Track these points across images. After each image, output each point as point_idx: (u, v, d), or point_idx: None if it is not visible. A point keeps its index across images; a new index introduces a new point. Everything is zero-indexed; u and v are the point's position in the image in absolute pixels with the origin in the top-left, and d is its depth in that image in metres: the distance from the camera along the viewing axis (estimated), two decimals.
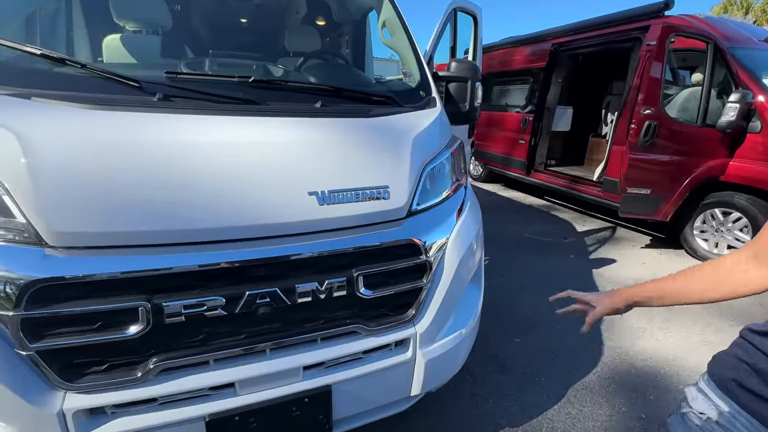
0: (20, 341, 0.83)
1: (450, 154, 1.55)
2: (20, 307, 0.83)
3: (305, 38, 2.27)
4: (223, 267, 0.97)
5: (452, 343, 1.30)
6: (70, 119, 1.04)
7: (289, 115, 1.31)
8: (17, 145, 0.93)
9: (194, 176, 1.02)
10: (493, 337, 2.31)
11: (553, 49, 5.42)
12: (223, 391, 1.01)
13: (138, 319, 0.90)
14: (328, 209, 1.11)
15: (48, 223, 0.88)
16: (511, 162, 6.21)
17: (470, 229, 1.42)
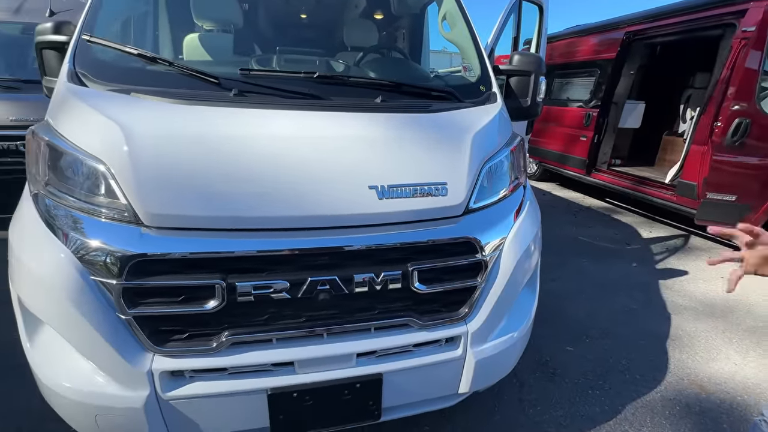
0: (121, 307, 0.96)
1: (509, 152, 1.50)
2: (122, 277, 0.95)
3: (365, 32, 2.30)
4: (288, 253, 1.04)
5: (503, 346, 1.28)
6: (162, 113, 1.16)
7: (352, 110, 1.35)
8: (121, 135, 1.06)
9: (266, 168, 1.09)
10: (543, 343, 2.22)
11: (626, 38, 4.97)
12: (284, 369, 1.08)
13: (215, 296, 0.99)
14: (387, 203, 1.13)
15: (144, 205, 1.00)
16: (570, 160, 5.84)
17: (528, 230, 1.38)
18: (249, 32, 2.16)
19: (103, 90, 1.25)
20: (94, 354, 0.98)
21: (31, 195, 1.14)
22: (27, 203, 1.14)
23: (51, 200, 1.08)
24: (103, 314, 0.96)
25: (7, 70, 4.11)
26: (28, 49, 4.30)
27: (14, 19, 4.29)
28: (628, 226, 4.68)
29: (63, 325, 0.99)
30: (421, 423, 1.65)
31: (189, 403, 1.03)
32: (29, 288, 1.04)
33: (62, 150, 1.11)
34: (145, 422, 1.00)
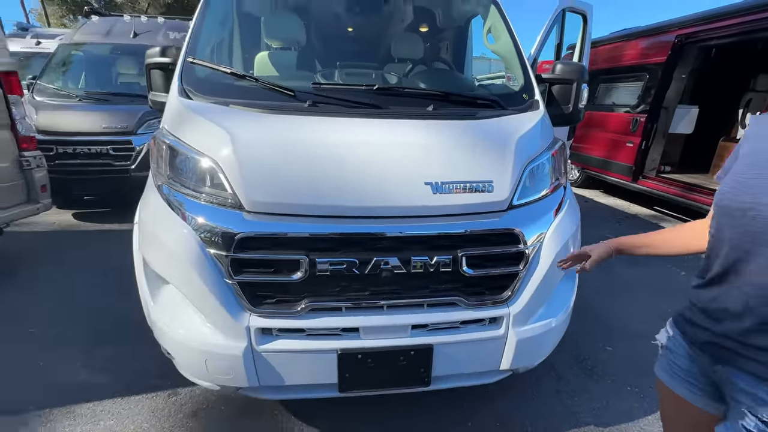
0: (228, 274, 1.22)
1: (551, 156, 1.63)
2: (230, 251, 1.21)
3: (413, 45, 2.49)
4: (358, 237, 1.25)
5: (542, 329, 1.40)
6: (255, 121, 1.43)
7: (407, 118, 1.56)
8: (227, 138, 1.33)
9: (339, 166, 1.32)
10: (582, 341, 2.28)
11: (677, 42, 4.83)
12: (351, 334, 1.29)
13: (299, 268, 1.22)
14: (440, 197, 1.32)
15: (246, 195, 1.25)
16: (614, 166, 5.70)
17: (567, 227, 1.50)
18: (311, 49, 2.44)
19: (207, 103, 1.55)
20: (207, 310, 1.24)
21: (155, 185, 1.44)
22: (152, 192, 1.44)
23: (172, 190, 1.37)
24: (215, 279, 1.22)
25: (98, 85, 4.76)
26: (114, 66, 4.96)
27: (104, 41, 4.95)
28: None
29: (184, 285, 1.27)
30: (464, 402, 1.79)
31: (275, 355, 1.26)
32: (158, 255, 1.33)
33: (180, 150, 1.40)
34: (242, 368, 1.24)
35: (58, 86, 4.58)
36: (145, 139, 4.10)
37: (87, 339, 2.17)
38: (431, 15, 2.77)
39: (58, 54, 4.87)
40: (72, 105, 4.29)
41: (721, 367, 0.79)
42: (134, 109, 4.22)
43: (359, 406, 1.74)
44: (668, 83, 5.04)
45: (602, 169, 6.05)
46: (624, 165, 5.53)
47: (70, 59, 4.88)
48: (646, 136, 5.23)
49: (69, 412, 1.69)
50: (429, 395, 1.79)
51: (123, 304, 2.40)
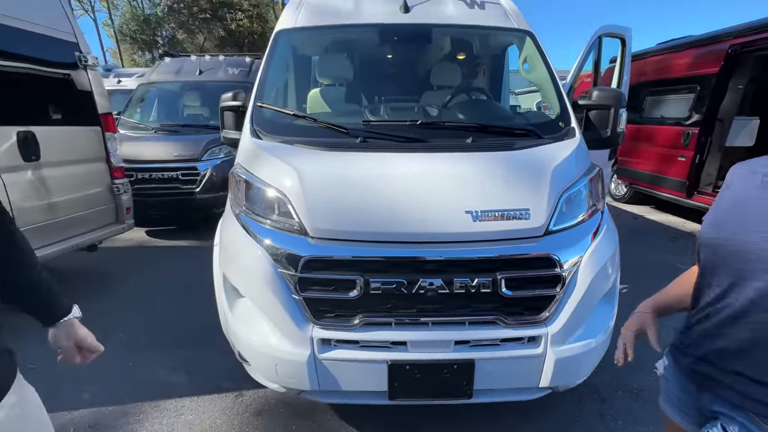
0: (296, 290, 1.43)
1: (587, 182, 1.72)
2: (298, 270, 1.42)
3: (451, 74, 2.65)
4: (406, 260, 1.42)
5: (581, 349, 1.47)
6: (315, 157, 1.67)
7: (448, 150, 1.73)
8: (293, 173, 1.57)
9: (388, 197, 1.50)
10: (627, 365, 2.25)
11: (732, 51, 4.62)
12: (399, 347, 1.45)
13: (355, 287, 1.41)
14: (480, 224, 1.45)
15: (309, 222, 1.47)
16: (665, 182, 5.45)
17: (604, 251, 1.57)
18: (358, 84, 2.69)
19: (274, 142, 1.82)
20: (277, 321, 1.46)
21: (234, 213, 1.71)
22: (231, 219, 1.71)
23: (248, 217, 1.63)
24: (284, 294, 1.43)
25: (169, 118, 5.42)
26: (182, 100, 5.62)
27: (175, 79, 5.64)
28: None
29: (258, 299, 1.49)
30: (506, 418, 1.86)
31: (333, 363, 1.44)
32: (236, 272, 1.58)
33: (254, 184, 1.66)
34: (306, 373, 1.44)
35: (137, 120, 5.28)
36: (208, 165, 4.59)
37: (167, 344, 2.49)
38: (468, 47, 2.94)
39: (138, 92, 5.62)
40: (148, 136, 4.93)
41: (704, 394, 0.82)
42: (199, 139, 4.75)
43: (405, 416, 1.87)
44: (722, 94, 4.80)
45: (652, 185, 5.79)
46: (676, 180, 5.27)
47: (147, 96, 5.60)
48: (700, 150, 4.98)
49: (156, 406, 1.97)
50: (471, 410, 1.88)
51: (195, 314, 2.73)
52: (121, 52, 23.40)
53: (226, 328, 1.68)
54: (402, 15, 2.42)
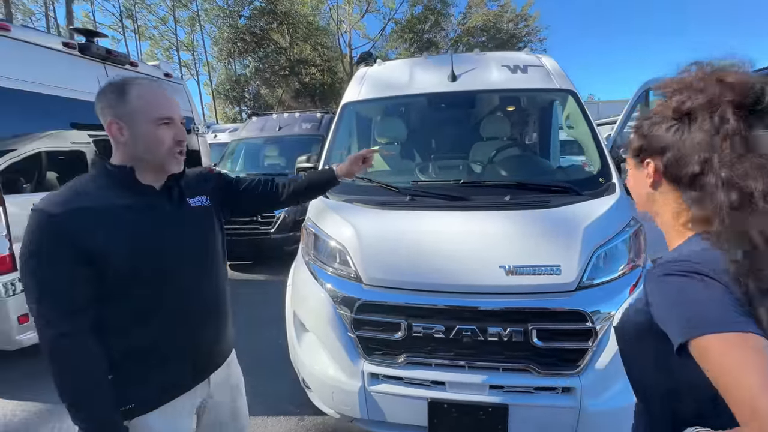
0: (351, 329, 1.71)
1: (626, 237, 1.79)
2: (353, 312, 1.71)
3: (497, 131, 2.88)
4: (445, 308, 1.63)
5: (619, 404, 1.50)
6: (370, 215, 1.99)
7: (487, 209, 1.94)
8: (352, 229, 1.91)
9: (431, 251, 1.75)
10: None
11: None
12: (438, 386, 1.62)
13: (400, 329, 1.64)
14: (512, 278, 1.62)
15: (364, 271, 1.77)
16: None
17: None
18: (411, 144, 3.05)
19: (338, 201, 2.20)
20: (335, 354, 1.74)
21: (304, 261, 2.08)
22: (302, 265, 2.08)
23: (315, 264, 1.98)
24: (341, 332, 1.72)
25: (253, 167, 6.34)
26: (263, 152, 6.56)
27: (259, 135, 6.64)
28: None
29: (320, 334, 1.80)
30: None
31: (380, 396, 1.66)
32: (304, 310, 1.92)
33: (320, 237, 2.03)
34: (357, 402, 1.67)
35: (228, 170, 6.28)
36: (282, 209, 5.27)
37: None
38: (512, 107, 3.16)
39: (230, 146, 6.72)
40: None
41: None
42: None
43: None
44: None
45: None
46: None
47: (237, 149, 6.65)
48: None
49: None
50: None
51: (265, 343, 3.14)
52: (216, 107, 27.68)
53: (294, 358, 2.00)
54: (450, 84, 2.76)
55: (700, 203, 0.67)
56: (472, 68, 2.85)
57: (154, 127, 0.96)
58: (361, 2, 24.43)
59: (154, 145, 0.97)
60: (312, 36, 25.94)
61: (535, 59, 2.89)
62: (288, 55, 26.18)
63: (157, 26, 25.24)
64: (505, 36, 23.69)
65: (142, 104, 0.96)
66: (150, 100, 0.97)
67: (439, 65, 2.96)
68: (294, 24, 24.98)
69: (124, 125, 0.95)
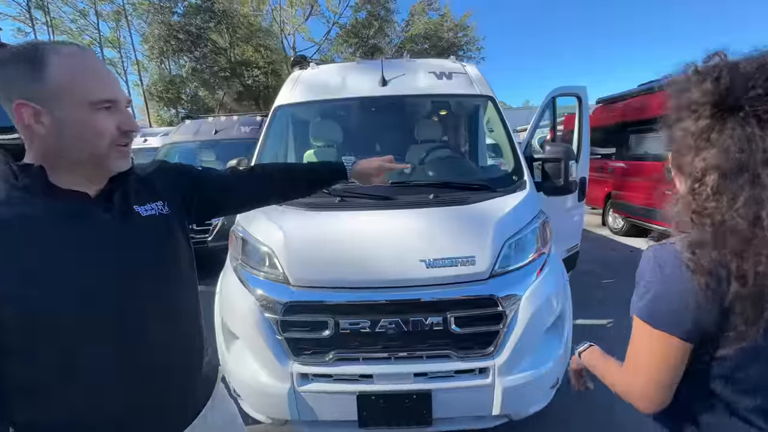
0: (279, 331, 1.70)
1: (534, 228, 1.99)
2: (281, 314, 1.71)
3: (424, 136, 3.01)
4: (370, 303, 1.69)
5: (527, 378, 1.67)
6: (299, 217, 2.00)
7: (412, 207, 2.04)
8: (280, 231, 1.90)
9: (355, 250, 1.81)
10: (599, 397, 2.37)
11: None
12: (366, 379, 1.68)
13: (328, 327, 1.67)
14: (432, 271, 1.73)
15: (291, 273, 1.77)
16: (655, 214, 5.60)
17: (546, 289, 1.80)
18: (347, 145, 3.09)
19: None
20: (264, 358, 1.72)
21: (232, 266, 2.03)
22: (230, 270, 2.03)
23: (243, 269, 1.94)
24: (270, 335, 1.71)
25: None
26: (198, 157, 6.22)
27: (193, 139, 6.29)
28: None
29: (249, 340, 1.77)
30: None
31: (311, 395, 1.68)
32: (232, 318, 1.87)
33: (248, 241, 2.00)
34: (286, 404, 1.67)
35: None
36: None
37: None
38: (439, 111, 3.34)
39: (161, 151, 6.28)
40: None
41: None
42: None
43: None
44: None
45: (645, 218, 5.94)
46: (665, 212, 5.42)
47: (169, 154, 6.24)
48: None
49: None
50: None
51: None
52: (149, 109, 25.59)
53: (224, 367, 1.94)
54: (380, 88, 2.86)
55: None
56: (402, 74, 2.97)
57: (90, 113, 0.71)
58: (305, 5, 24.13)
59: (91, 138, 0.72)
60: (254, 37, 25.07)
61: (459, 67, 3.09)
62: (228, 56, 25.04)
63: (75, 19, 22.72)
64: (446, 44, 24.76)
65: (69, 81, 0.70)
66: (82, 74, 0.71)
67: (371, 70, 3.05)
68: (234, 24, 23.98)
69: (42, 110, 0.69)
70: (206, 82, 25.27)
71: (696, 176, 0.70)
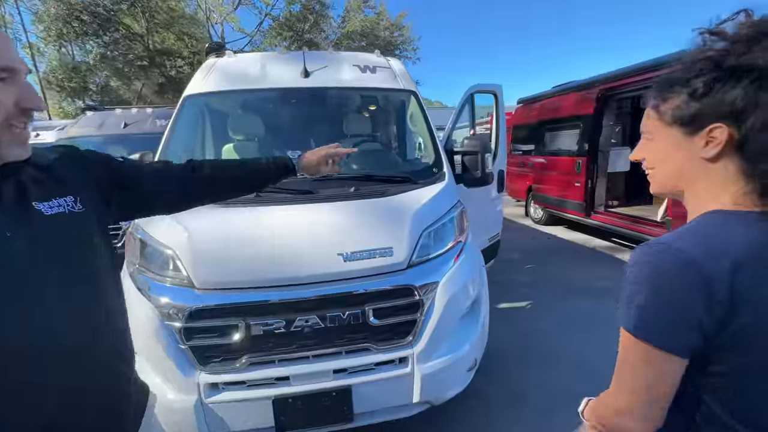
0: (183, 340, 1.54)
1: (450, 218, 2.05)
2: (184, 322, 1.55)
3: (348, 129, 2.97)
4: (284, 302, 1.61)
5: (445, 364, 1.72)
6: (204, 214, 1.83)
7: (331, 200, 1.98)
8: (183, 231, 1.73)
9: (267, 246, 1.70)
10: (518, 373, 2.55)
11: (600, 95, 5.58)
12: (283, 382, 1.59)
13: (238, 331, 1.55)
14: (350, 264, 1.70)
15: (196, 275, 1.62)
16: (568, 204, 6.22)
17: (461, 276, 1.87)
18: (269, 140, 2.94)
19: None
20: (165, 372, 1.55)
21: (128, 272, 1.80)
22: (126, 277, 1.80)
23: (142, 275, 1.73)
24: (171, 345, 1.54)
25: None
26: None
27: (97, 133, 5.56)
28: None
29: (147, 352, 1.58)
30: None
31: (221, 406, 1.55)
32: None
33: (148, 243, 1.79)
34: (194, 418, 1.52)
35: None
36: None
37: None
38: (364, 105, 3.30)
39: None
40: None
41: None
42: None
43: None
44: (599, 130, 5.72)
45: (560, 208, 6.56)
46: (577, 202, 6.05)
47: None
48: (590, 176, 5.81)
49: None
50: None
51: None
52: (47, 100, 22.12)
53: None
54: (302, 80, 2.75)
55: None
56: (325, 66, 2.89)
57: None
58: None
59: None
60: (176, 24, 22.89)
61: (384, 61, 3.09)
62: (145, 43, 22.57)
63: None
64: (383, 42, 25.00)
65: None
66: None
67: (293, 61, 2.93)
68: (151, 8, 21.68)
69: None
70: (119, 72, 22.56)
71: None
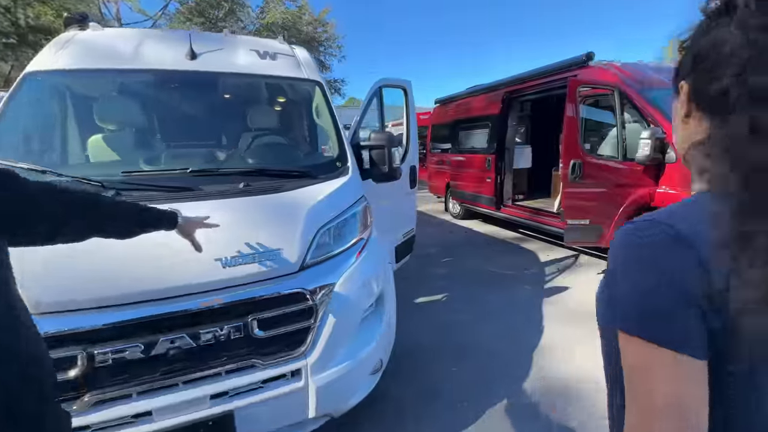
0: None
1: (354, 213, 1.93)
2: None
3: (239, 120, 2.64)
4: (139, 321, 1.33)
5: (342, 371, 1.59)
6: None
7: (214, 198, 1.72)
8: None
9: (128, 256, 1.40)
10: (432, 368, 2.55)
11: (505, 97, 6.02)
12: (143, 419, 1.32)
13: (76, 364, 1.24)
14: (230, 270, 1.47)
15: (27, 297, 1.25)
16: (481, 199, 6.61)
17: (362, 274, 1.76)
18: (147, 131, 2.52)
19: None
20: None
21: None
22: None
23: None
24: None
25: None
26: None
27: None
28: (531, 252, 5.33)
29: None
30: None
31: None
32: None
33: None
34: None
35: None
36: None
37: None
38: (261, 95, 3.02)
39: None
40: None
41: None
42: None
43: None
44: (505, 129, 6.17)
45: (474, 202, 6.95)
46: (488, 197, 6.45)
47: None
48: (498, 172, 6.24)
49: None
50: None
51: None
52: None
53: None
54: (187, 62, 2.40)
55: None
56: (217, 49, 2.58)
57: None
58: None
59: None
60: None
61: (287, 48, 2.87)
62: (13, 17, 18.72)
63: None
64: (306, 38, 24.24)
65: None
66: None
67: (177, 41, 2.56)
68: None
69: None
70: None
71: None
